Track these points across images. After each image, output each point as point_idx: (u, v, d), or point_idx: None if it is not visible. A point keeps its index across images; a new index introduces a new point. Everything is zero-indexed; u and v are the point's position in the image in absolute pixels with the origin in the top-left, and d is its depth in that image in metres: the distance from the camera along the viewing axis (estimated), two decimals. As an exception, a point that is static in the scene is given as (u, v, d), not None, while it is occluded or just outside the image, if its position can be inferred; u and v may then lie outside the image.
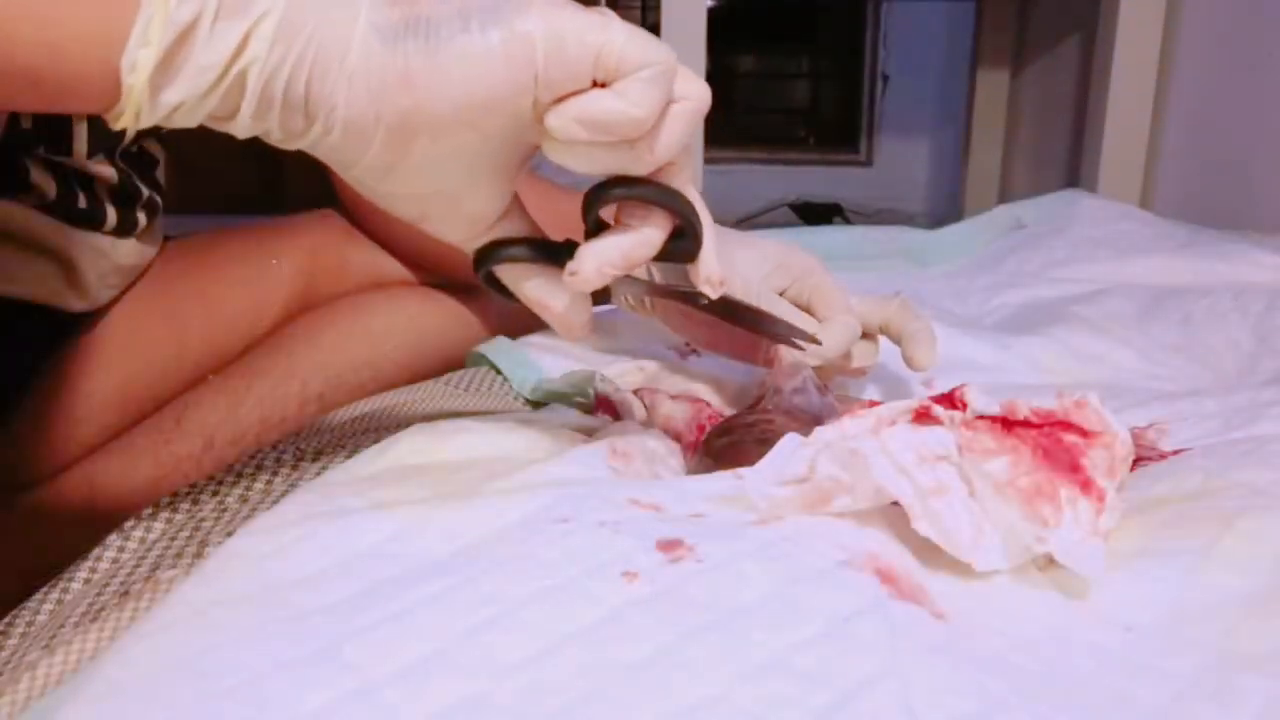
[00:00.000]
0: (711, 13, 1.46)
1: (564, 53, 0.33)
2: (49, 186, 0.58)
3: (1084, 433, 0.38)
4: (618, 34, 0.34)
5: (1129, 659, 0.32)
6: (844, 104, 2.71)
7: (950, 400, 0.39)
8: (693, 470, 0.49)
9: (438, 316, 0.76)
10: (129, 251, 0.66)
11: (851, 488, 0.36)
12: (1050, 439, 0.38)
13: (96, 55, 0.31)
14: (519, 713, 0.28)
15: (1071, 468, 0.37)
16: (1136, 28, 1.39)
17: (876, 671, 0.29)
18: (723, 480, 0.41)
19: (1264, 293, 0.76)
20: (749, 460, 0.39)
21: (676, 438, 0.52)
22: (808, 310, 0.57)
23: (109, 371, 0.65)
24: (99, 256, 0.63)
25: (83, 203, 0.61)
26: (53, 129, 0.58)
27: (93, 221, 0.62)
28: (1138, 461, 0.48)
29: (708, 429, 0.53)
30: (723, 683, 0.29)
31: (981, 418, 0.39)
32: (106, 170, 0.62)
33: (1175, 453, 0.49)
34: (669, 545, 0.34)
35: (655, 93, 0.35)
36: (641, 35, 0.35)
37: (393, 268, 0.77)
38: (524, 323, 0.77)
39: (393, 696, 0.28)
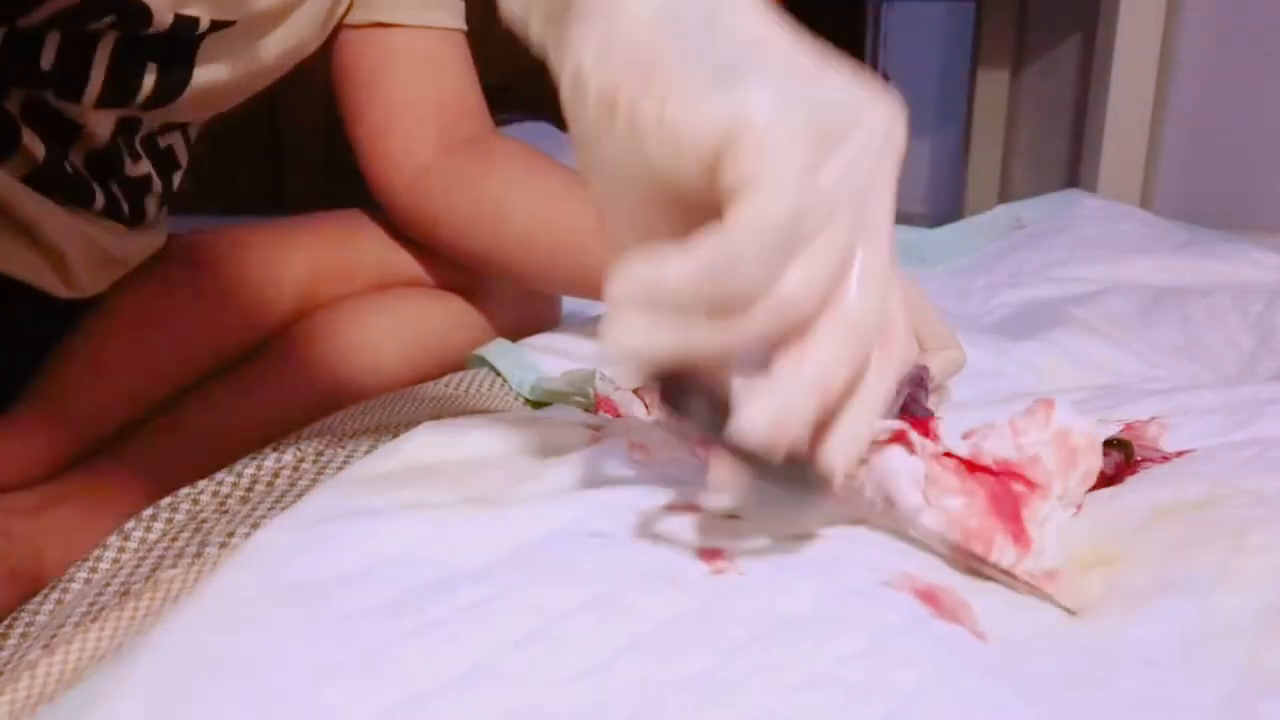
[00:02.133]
0: (711, 13, 1.46)
1: None
2: (37, 149, 0.58)
3: (1030, 484, 0.42)
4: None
5: (1151, 697, 0.32)
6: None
7: (924, 427, 0.42)
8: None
9: (441, 319, 0.76)
10: (118, 243, 0.65)
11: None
12: (1002, 487, 0.41)
13: None
14: None
15: (1012, 517, 0.41)
16: (1136, 28, 1.39)
17: (926, 685, 0.29)
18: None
19: (1263, 293, 0.76)
20: None
21: None
22: None
23: (109, 372, 0.65)
24: (87, 244, 0.62)
25: (70, 169, 0.60)
26: (68, 77, 0.58)
27: (79, 197, 0.61)
28: (1139, 463, 0.48)
29: None
30: (775, 693, 0.29)
31: (950, 455, 0.42)
32: (102, 127, 0.61)
33: (1178, 454, 0.49)
34: (710, 555, 0.35)
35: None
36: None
37: (400, 269, 0.77)
38: (526, 326, 0.77)
39: (443, 707, 0.28)
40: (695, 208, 0.28)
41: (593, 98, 0.28)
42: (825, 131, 0.27)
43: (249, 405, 0.67)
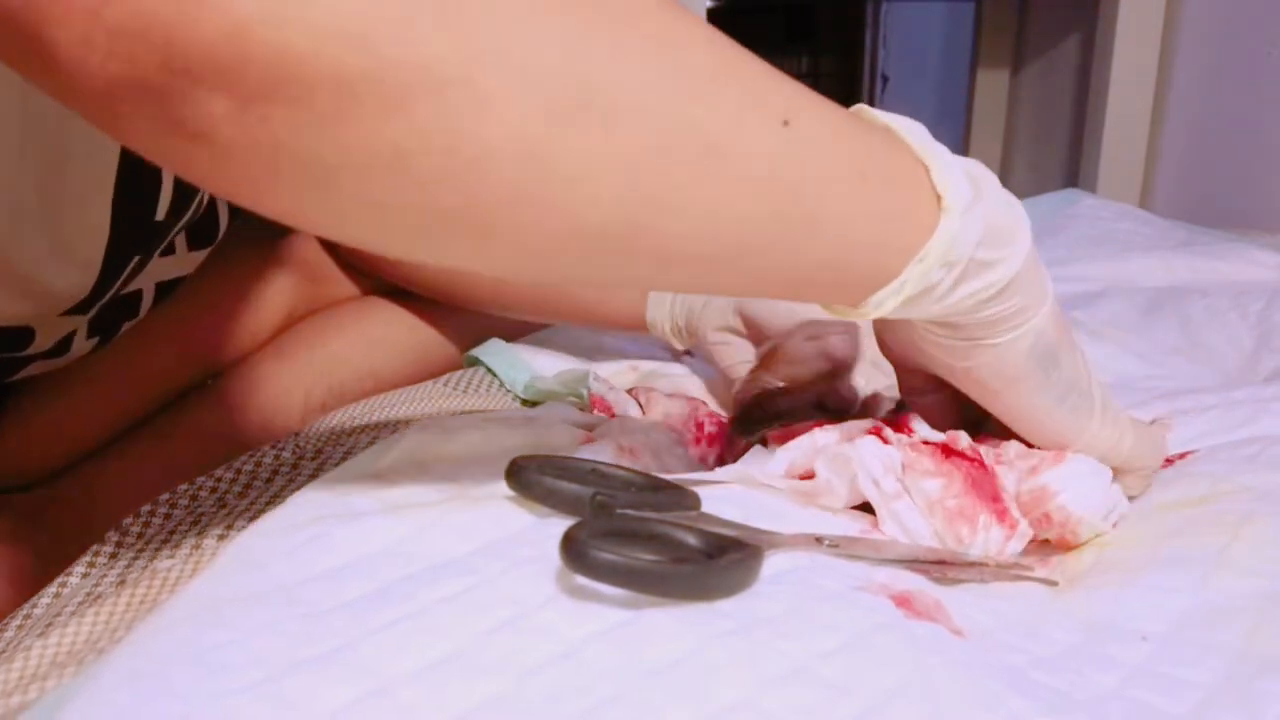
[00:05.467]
0: (711, 13, 1.46)
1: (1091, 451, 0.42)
2: None
3: (995, 494, 0.42)
4: (1126, 444, 0.42)
5: (1148, 670, 0.32)
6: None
7: (899, 425, 0.44)
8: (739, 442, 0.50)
9: (439, 320, 0.76)
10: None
11: (835, 489, 0.42)
12: (980, 470, 0.42)
13: (859, 291, 0.35)
14: (543, 714, 0.28)
15: (993, 498, 0.41)
16: (1136, 28, 1.39)
17: (903, 683, 0.29)
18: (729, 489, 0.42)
19: (1263, 292, 0.76)
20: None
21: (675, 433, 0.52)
22: None
23: (106, 374, 0.65)
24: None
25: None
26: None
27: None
28: None
29: (705, 425, 0.53)
30: (750, 688, 0.29)
31: (926, 442, 0.43)
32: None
33: (1181, 456, 0.49)
34: None
35: (1145, 483, 0.45)
36: (1147, 443, 0.43)
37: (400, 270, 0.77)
38: (522, 325, 0.77)
39: (412, 696, 0.28)
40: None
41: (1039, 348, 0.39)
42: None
43: (248, 406, 0.67)
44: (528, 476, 0.37)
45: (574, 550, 0.31)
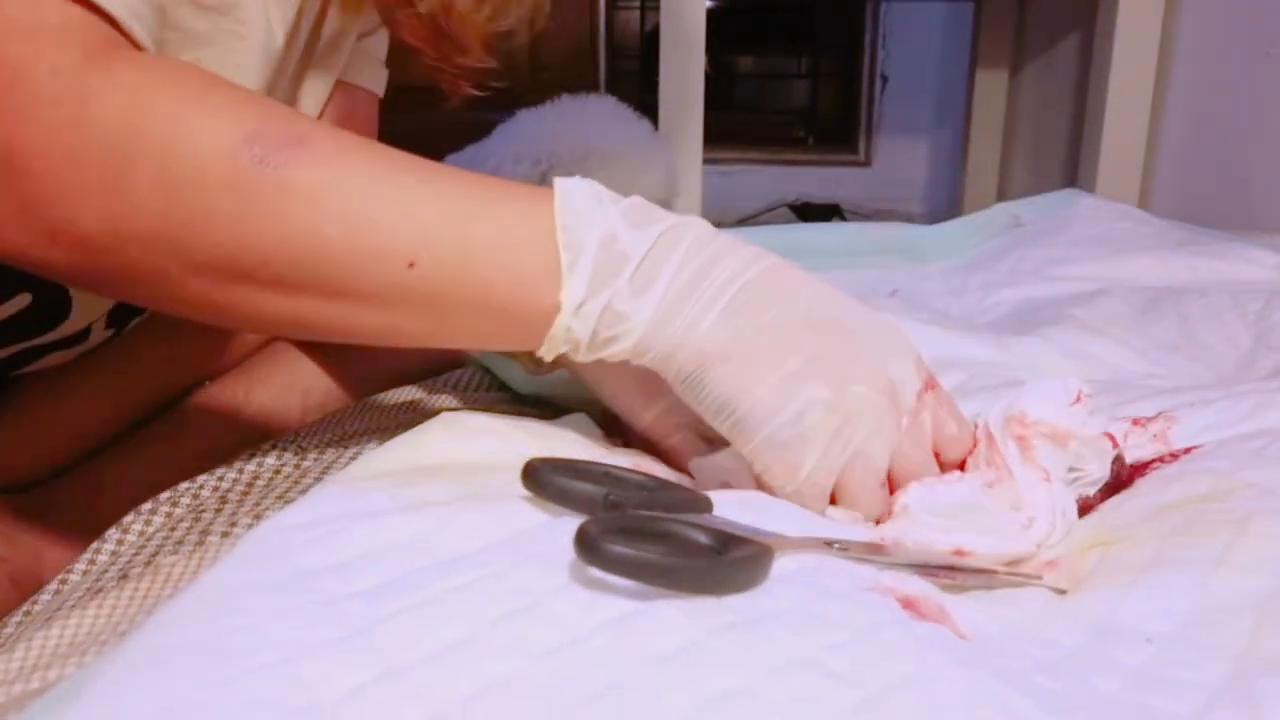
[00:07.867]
0: (711, 13, 1.46)
1: None
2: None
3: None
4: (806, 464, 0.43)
5: (1151, 672, 0.32)
6: (843, 104, 2.71)
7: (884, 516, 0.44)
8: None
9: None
10: None
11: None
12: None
13: (532, 341, 0.43)
14: (549, 697, 0.28)
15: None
16: (1135, 27, 1.39)
17: (907, 676, 0.30)
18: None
19: (1261, 291, 0.76)
20: None
21: None
22: None
23: (105, 373, 0.65)
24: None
25: None
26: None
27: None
28: (1148, 465, 0.48)
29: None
30: (752, 676, 0.29)
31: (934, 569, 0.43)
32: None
33: (1185, 450, 0.49)
34: None
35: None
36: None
37: None
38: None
39: (423, 679, 0.28)
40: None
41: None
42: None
43: (248, 404, 0.67)
44: (542, 477, 0.38)
45: (587, 543, 0.32)
